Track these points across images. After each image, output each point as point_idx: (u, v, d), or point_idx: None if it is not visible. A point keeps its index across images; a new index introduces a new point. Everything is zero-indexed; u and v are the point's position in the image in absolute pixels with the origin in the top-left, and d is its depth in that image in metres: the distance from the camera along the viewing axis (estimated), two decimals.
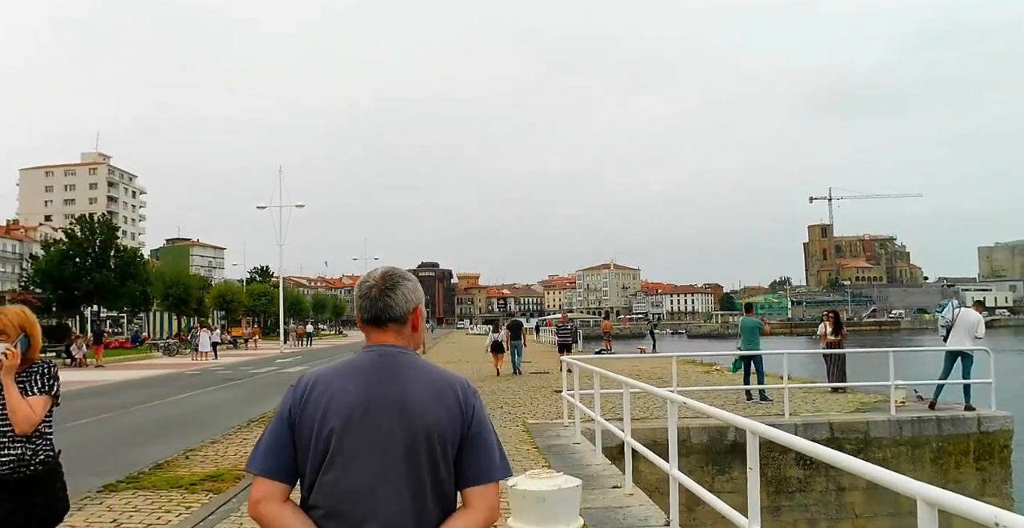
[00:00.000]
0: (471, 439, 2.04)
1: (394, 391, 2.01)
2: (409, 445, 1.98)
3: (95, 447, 10.92)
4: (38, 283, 57.29)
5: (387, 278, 2.13)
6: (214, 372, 27.71)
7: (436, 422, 2.00)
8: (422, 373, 2.08)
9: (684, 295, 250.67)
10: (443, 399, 2.04)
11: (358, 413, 1.98)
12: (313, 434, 1.97)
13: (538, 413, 13.56)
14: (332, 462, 1.96)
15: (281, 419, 2.03)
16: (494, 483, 2.05)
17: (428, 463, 1.98)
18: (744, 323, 15.05)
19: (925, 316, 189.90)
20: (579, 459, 9.24)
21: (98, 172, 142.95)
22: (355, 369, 2.07)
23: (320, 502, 1.97)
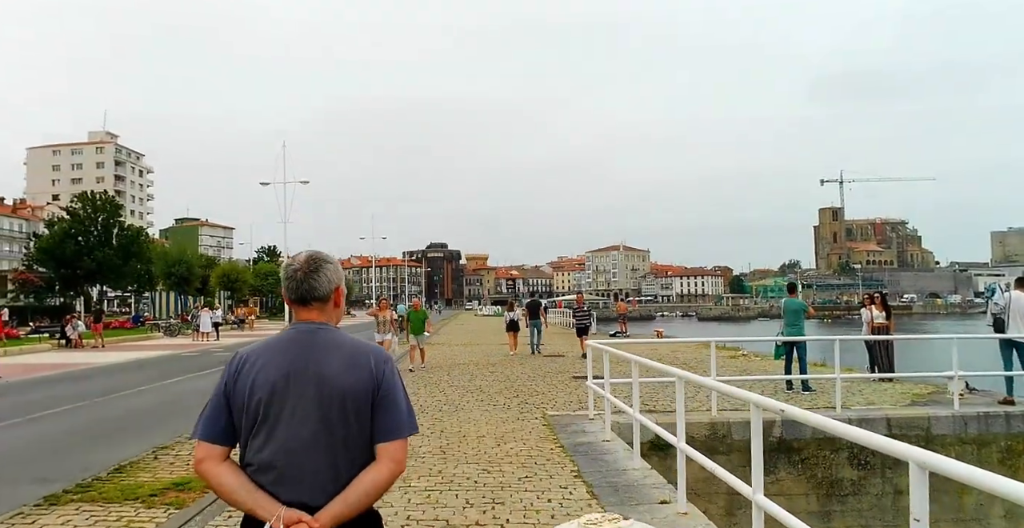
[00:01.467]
0: (381, 400, 2.30)
1: (312, 363, 2.29)
2: (326, 409, 2.26)
3: (54, 443, 9.67)
4: (41, 262, 56.24)
5: (311, 262, 2.40)
6: (212, 354, 26.47)
7: (350, 387, 2.27)
8: (338, 345, 2.34)
9: (693, 277, 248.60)
10: (356, 366, 2.30)
11: (280, 384, 2.27)
12: (244, 403, 2.27)
13: (558, 403, 12.23)
14: (260, 427, 2.26)
15: (219, 392, 2.33)
16: (401, 440, 2.32)
17: (342, 424, 2.26)
18: (787, 305, 13.64)
19: (937, 301, 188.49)
20: (613, 462, 7.90)
21: (105, 151, 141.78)
22: (280, 345, 2.36)
23: (253, 460, 2.27)
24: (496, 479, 7.06)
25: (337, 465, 2.26)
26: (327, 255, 2.46)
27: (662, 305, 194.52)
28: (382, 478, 2.27)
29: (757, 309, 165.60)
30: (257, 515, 2.22)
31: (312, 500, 2.22)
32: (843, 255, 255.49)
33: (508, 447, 8.58)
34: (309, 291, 2.36)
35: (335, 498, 2.23)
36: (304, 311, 2.39)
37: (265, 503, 2.22)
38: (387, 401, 2.30)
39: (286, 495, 2.22)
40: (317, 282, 2.37)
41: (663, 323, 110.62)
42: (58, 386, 16.50)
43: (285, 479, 2.23)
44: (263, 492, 2.23)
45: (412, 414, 2.37)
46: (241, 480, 2.25)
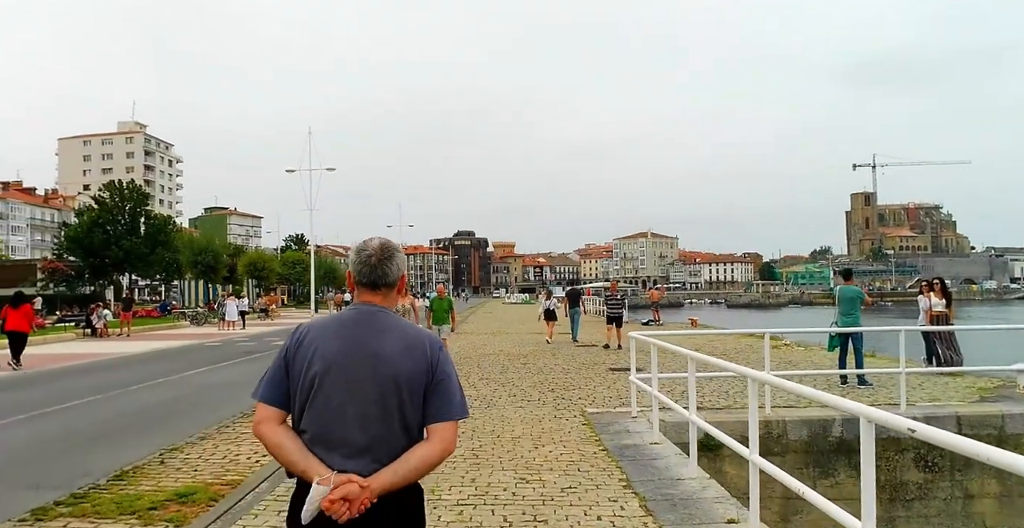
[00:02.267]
0: (435, 385, 2.44)
1: (370, 344, 2.42)
2: (380, 389, 2.38)
3: (58, 443, 9.02)
4: (70, 251, 56.26)
5: (384, 249, 2.55)
6: (236, 343, 25.94)
7: (405, 370, 2.40)
8: (395, 330, 2.48)
9: (722, 264, 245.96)
10: (412, 352, 2.44)
11: (338, 360, 2.39)
12: (301, 375, 2.40)
13: (596, 398, 11.42)
14: (315, 399, 2.38)
15: (280, 358, 2.48)
16: (451, 421, 2.44)
17: (396, 402, 2.38)
18: (842, 292, 12.69)
19: (972, 287, 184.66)
20: (665, 469, 7.08)
21: (135, 141, 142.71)
22: (341, 324, 2.49)
23: (307, 427, 2.39)
24: (536, 490, 6.28)
25: (387, 441, 2.37)
26: (396, 244, 2.60)
27: (690, 292, 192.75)
28: (432, 455, 2.39)
29: (788, 296, 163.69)
30: (309, 475, 2.31)
31: (362, 469, 2.32)
32: (875, 241, 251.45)
33: (547, 450, 7.80)
34: (381, 277, 2.52)
35: (385, 467, 2.33)
36: (370, 294, 2.54)
37: (318, 467, 2.32)
38: (441, 386, 2.44)
39: (337, 462, 2.33)
40: (388, 269, 2.52)
41: (692, 311, 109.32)
42: (75, 378, 15.96)
43: (336, 447, 2.35)
44: (316, 458, 2.34)
45: (463, 399, 2.51)
46: (297, 443, 2.36)
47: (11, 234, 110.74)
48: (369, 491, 2.27)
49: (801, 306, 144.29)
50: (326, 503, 2.23)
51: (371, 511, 2.29)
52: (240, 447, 8.07)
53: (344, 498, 2.24)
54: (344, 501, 2.24)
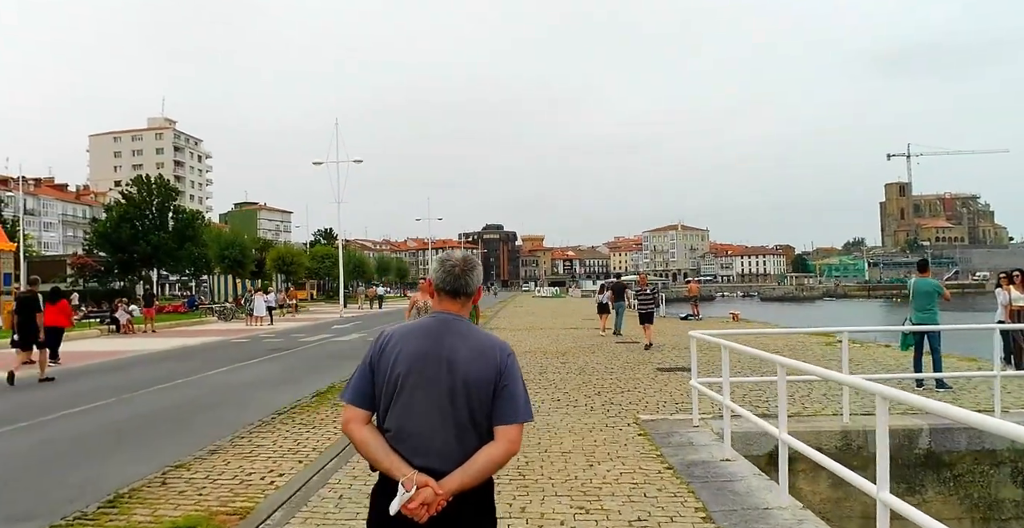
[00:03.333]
0: (502, 389, 2.60)
1: (445, 349, 2.62)
2: (452, 390, 2.57)
3: (54, 456, 8.10)
4: (99, 246, 56.07)
5: (467, 261, 2.79)
6: (262, 340, 25.12)
7: (475, 374, 2.58)
8: (469, 336, 2.67)
9: (754, 257, 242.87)
10: (483, 357, 2.62)
11: (418, 364, 2.59)
12: (386, 377, 2.62)
13: (649, 403, 10.36)
14: (398, 398, 2.60)
15: (366, 363, 2.69)
16: (516, 424, 2.60)
17: (466, 406, 2.57)
18: (917, 286, 11.50)
19: None
20: (747, 495, 6.01)
21: (164, 137, 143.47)
22: (421, 330, 2.69)
23: (390, 426, 2.61)
24: (600, 525, 5.26)
25: (461, 439, 2.57)
26: (476, 258, 2.88)
27: (722, 285, 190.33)
28: (498, 455, 2.57)
29: (822, 289, 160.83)
30: (392, 474, 2.53)
31: (440, 466, 2.53)
32: (911, 232, 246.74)
33: (603, 469, 6.76)
34: (463, 286, 2.75)
35: (456, 470, 2.53)
36: (450, 302, 2.75)
37: (399, 465, 2.53)
38: (507, 390, 2.61)
39: (417, 460, 2.54)
40: (470, 280, 2.76)
41: (725, 304, 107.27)
42: (92, 378, 15.19)
43: (416, 447, 2.56)
44: (397, 455, 2.55)
45: (528, 403, 2.67)
46: (380, 442, 2.59)
47: (43, 230, 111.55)
48: (444, 494, 2.47)
49: (836, 299, 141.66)
50: (405, 510, 2.44)
51: (446, 507, 2.49)
52: (254, 464, 7.11)
53: (423, 504, 2.44)
54: (423, 505, 2.44)
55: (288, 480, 6.46)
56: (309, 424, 9.11)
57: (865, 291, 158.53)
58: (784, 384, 6.00)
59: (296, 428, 8.88)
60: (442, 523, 2.50)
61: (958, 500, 9.09)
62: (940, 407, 3.70)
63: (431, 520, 2.47)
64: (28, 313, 14.72)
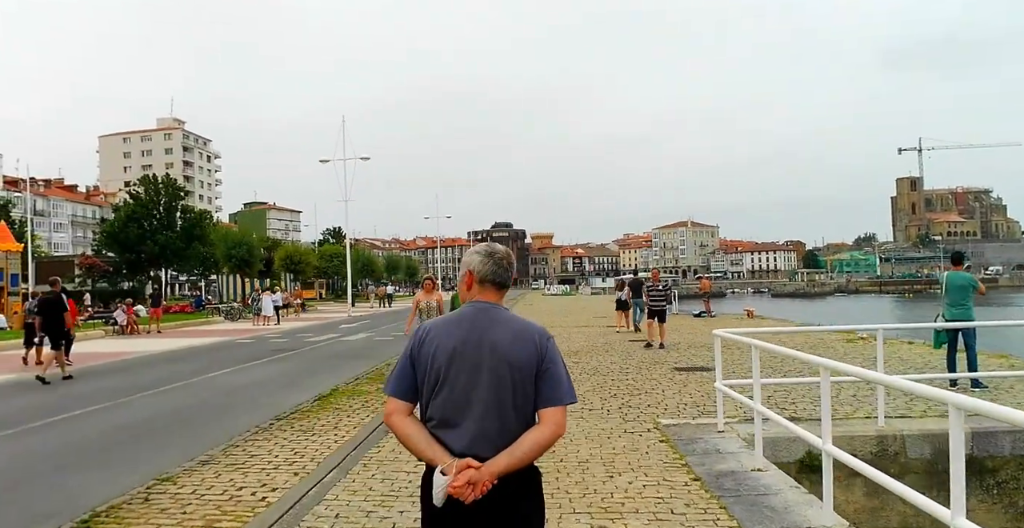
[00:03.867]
0: (543, 372, 2.64)
1: (486, 336, 2.65)
2: (495, 375, 2.60)
3: (34, 468, 7.57)
4: (107, 246, 55.78)
5: (510, 255, 2.89)
6: (267, 340, 24.64)
7: (516, 359, 2.61)
8: (508, 322, 2.71)
9: (764, 253, 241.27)
10: (523, 342, 2.66)
11: (458, 352, 2.63)
12: (427, 368, 2.65)
13: (668, 406, 9.79)
14: (440, 388, 2.62)
15: (406, 356, 2.72)
16: (560, 406, 2.63)
17: (510, 389, 2.60)
18: (950, 280, 10.87)
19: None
20: (785, 512, 5.44)
21: (173, 137, 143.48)
22: (460, 319, 2.72)
23: (433, 415, 2.65)
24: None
25: (504, 424, 2.59)
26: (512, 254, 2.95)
27: (732, 282, 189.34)
28: (544, 438, 2.60)
29: (833, 285, 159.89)
30: (434, 463, 2.56)
31: (482, 452, 2.54)
32: (922, 227, 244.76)
33: (624, 481, 6.20)
34: (508, 278, 2.84)
35: (502, 452, 2.55)
36: (493, 293, 2.80)
37: (441, 453, 2.56)
38: (549, 373, 2.65)
39: (459, 447, 2.57)
40: (511, 272, 2.85)
41: (735, 300, 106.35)
42: (89, 381, 14.71)
43: (460, 434, 2.58)
44: (440, 445, 2.58)
45: (571, 385, 2.70)
46: (422, 432, 2.63)
47: (53, 231, 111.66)
48: (488, 474, 2.50)
49: (848, 294, 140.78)
50: (451, 489, 2.45)
51: (494, 490, 2.50)
52: (246, 476, 6.58)
53: (468, 483, 2.46)
54: (468, 485, 2.46)
55: (281, 496, 5.92)
56: (309, 430, 8.58)
57: (877, 287, 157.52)
58: (828, 388, 5.41)
59: (295, 435, 8.35)
60: (490, 507, 2.52)
61: (1003, 508, 8.52)
62: None
63: (479, 504, 2.49)
64: (54, 313, 14.92)
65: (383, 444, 7.69)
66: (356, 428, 8.61)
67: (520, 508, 2.60)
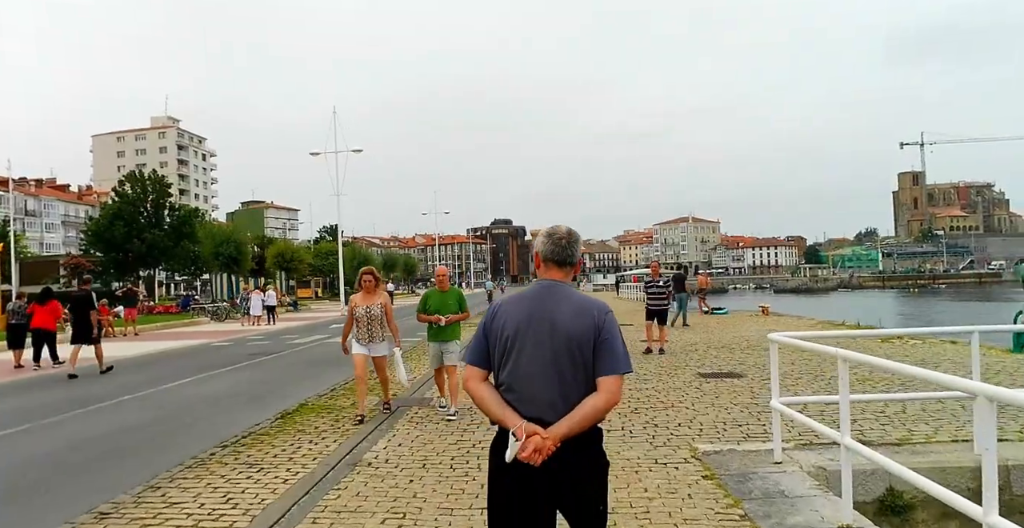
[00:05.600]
0: (601, 343, 2.84)
1: (548, 310, 2.90)
2: (557, 347, 2.84)
3: None
4: (93, 245, 53.94)
5: (572, 234, 3.08)
6: (248, 343, 22.85)
7: (576, 331, 2.84)
8: (569, 298, 2.95)
9: (766, 248, 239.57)
10: (583, 316, 2.88)
11: (524, 325, 2.89)
12: (498, 339, 2.94)
13: (703, 425, 8.05)
14: (508, 357, 2.91)
15: (480, 330, 3.01)
16: (616, 375, 2.83)
17: (569, 359, 2.83)
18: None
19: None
20: None
21: (167, 136, 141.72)
22: (527, 296, 2.99)
23: (503, 381, 2.92)
24: None
25: (565, 391, 2.81)
26: (578, 233, 3.13)
27: (734, 277, 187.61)
28: (601, 405, 2.79)
29: (836, 280, 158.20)
30: (505, 424, 2.81)
31: (545, 416, 2.77)
32: (924, 221, 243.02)
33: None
34: (569, 257, 3.03)
35: (563, 418, 2.76)
36: (555, 271, 3.03)
37: (511, 416, 2.81)
38: (607, 344, 2.84)
39: (525, 411, 2.81)
40: (574, 250, 3.04)
41: (737, 296, 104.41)
42: (17, 396, 12.98)
43: (524, 399, 2.84)
44: (511, 408, 2.83)
45: (627, 355, 2.90)
46: (495, 396, 2.89)
47: (45, 231, 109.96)
48: (552, 440, 2.70)
49: (851, 290, 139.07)
50: (521, 455, 2.68)
51: (558, 452, 2.70)
52: (199, 506, 4.84)
53: (535, 450, 2.67)
54: (535, 451, 2.67)
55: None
56: (256, 464, 6.80)
57: (880, 282, 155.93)
58: (994, 418, 3.63)
59: (236, 471, 6.57)
60: (556, 466, 2.72)
61: None
62: None
63: (545, 464, 2.69)
64: (82, 311, 15.44)
65: (345, 485, 5.94)
66: (316, 460, 6.84)
67: (582, 466, 2.81)
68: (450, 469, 6.42)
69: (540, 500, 2.78)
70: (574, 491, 2.79)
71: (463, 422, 8.49)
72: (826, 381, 10.60)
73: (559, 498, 2.79)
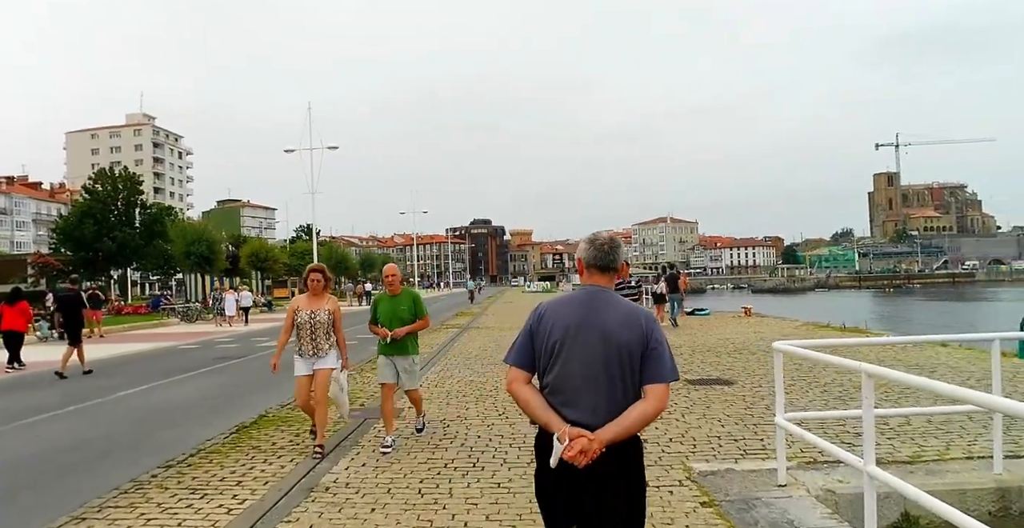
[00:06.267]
0: (650, 352, 2.88)
1: (598, 317, 2.92)
2: (606, 354, 2.86)
3: None
4: (62, 243, 52.63)
5: (614, 240, 3.12)
6: (214, 346, 21.98)
7: (625, 340, 2.87)
8: (618, 306, 2.97)
9: (743, 249, 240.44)
10: (631, 324, 2.91)
11: (572, 331, 2.91)
12: (545, 343, 2.95)
13: (696, 438, 7.44)
14: (555, 361, 2.92)
15: (526, 332, 3.03)
16: (663, 383, 2.87)
17: (618, 366, 2.86)
18: None
19: (1002, 267, 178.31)
20: None
21: (143, 133, 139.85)
22: (574, 301, 3.01)
23: (548, 383, 2.94)
24: None
25: (612, 397, 2.84)
26: (620, 239, 3.16)
27: (712, 278, 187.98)
28: (650, 411, 2.83)
29: (813, 280, 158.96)
30: (549, 427, 2.83)
31: (591, 421, 2.79)
32: (899, 222, 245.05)
33: None
34: (611, 262, 3.06)
35: (610, 423, 2.78)
36: (599, 276, 3.06)
37: (555, 419, 2.83)
38: (655, 353, 2.88)
39: (571, 415, 2.83)
40: (617, 256, 3.08)
41: (714, 296, 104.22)
42: None
43: (570, 403, 2.86)
44: (554, 412, 2.86)
45: (674, 365, 2.94)
46: (539, 399, 2.92)
47: (16, 230, 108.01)
48: (598, 443, 2.72)
49: (828, 290, 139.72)
50: (566, 455, 2.70)
51: (602, 457, 2.72)
52: None
53: (580, 451, 2.69)
54: (580, 453, 2.69)
55: None
56: (200, 489, 6.05)
57: (857, 282, 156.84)
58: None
59: (178, 497, 5.84)
60: (598, 470, 2.74)
61: None
62: None
63: (589, 468, 2.71)
64: (73, 310, 15.72)
65: (296, 516, 5.23)
66: (267, 484, 6.11)
67: (625, 473, 2.85)
68: (418, 495, 5.73)
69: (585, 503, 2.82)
70: (615, 502, 2.81)
71: (434, 438, 7.80)
72: (821, 388, 10.02)
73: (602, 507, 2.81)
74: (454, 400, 10.12)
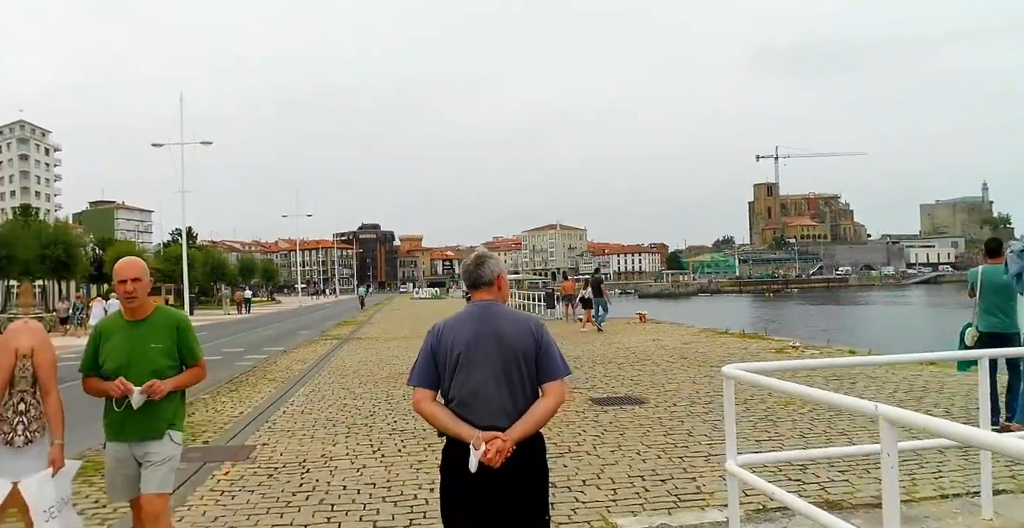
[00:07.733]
0: (542, 353, 3.13)
1: (493, 327, 3.12)
2: (505, 360, 3.07)
3: None
4: None
5: (477, 259, 3.32)
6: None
7: (520, 345, 3.09)
8: (508, 315, 3.21)
9: (630, 255, 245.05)
10: (523, 331, 3.14)
11: (472, 342, 3.09)
12: (447, 357, 3.12)
13: (614, 478, 6.07)
14: (458, 373, 3.08)
15: (427, 352, 3.19)
16: (558, 380, 3.14)
17: (516, 371, 3.07)
18: (987, 276, 7.69)
19: (872, 273, 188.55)
20: None
21: (9, 128, 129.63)
22: (467, 316, 3.20)
23: (454, 396, 3.09)
24: None
25: (515, 399, 3.05)
26: (490, 253, 3.41)
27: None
28: (552, 405, 3.09)
29: (696, 285, 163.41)
30: (462, 437, 2.96)
31: (499, 423, 2.98)
32: (778, 230, 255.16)
33: None
34: (479, 278, 3.26)
35: (517, 422, 2.99)
36: (477, 293, 3.27)
37: (466, 429, 2.98)
38: (546, 354, 3.13)
39: (480, 421, 2.99)
40: (482, 271, 3.26)
41: None
42: None
43: (478, 409, 3.02)
44: (464, 422, 3.00)
45: (564, 361, 3.22)
46: (447, 413, 3.06)
47: None
48: (511, 442, 2.93)
49: (711, 294, 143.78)
50: (484, 458, 2.85)
51: (512, 454, 2.92)
52: None
53: (497, 451, 2.87)
54: (497, 452, 2.87)
55: None
56: None
57: (737, 287, 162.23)
58: None
59: None
60: (509, 468, 2.93)
61: None
62: None
63: (502, 466, 2.89)
64: None
65: None
66: None
67: (531, 465, 3.05)
68: None
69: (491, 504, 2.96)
70: (521, 495, 3.01)
71: (287, 490, 6.17)
72: (760, 416, 8.71)
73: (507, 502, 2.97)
74: (320, 432, 8.43)
